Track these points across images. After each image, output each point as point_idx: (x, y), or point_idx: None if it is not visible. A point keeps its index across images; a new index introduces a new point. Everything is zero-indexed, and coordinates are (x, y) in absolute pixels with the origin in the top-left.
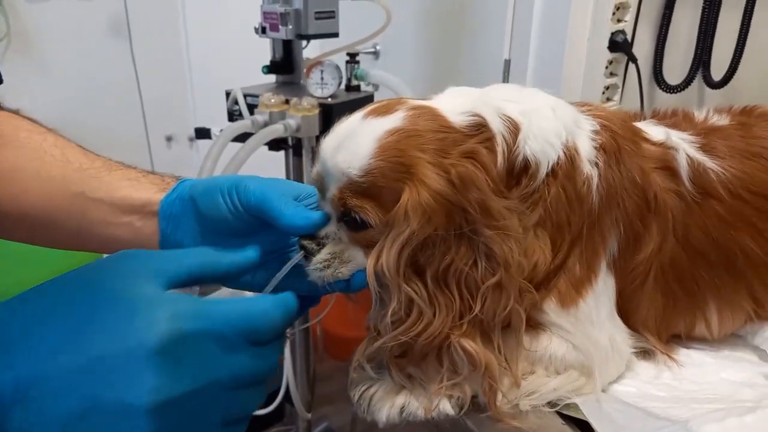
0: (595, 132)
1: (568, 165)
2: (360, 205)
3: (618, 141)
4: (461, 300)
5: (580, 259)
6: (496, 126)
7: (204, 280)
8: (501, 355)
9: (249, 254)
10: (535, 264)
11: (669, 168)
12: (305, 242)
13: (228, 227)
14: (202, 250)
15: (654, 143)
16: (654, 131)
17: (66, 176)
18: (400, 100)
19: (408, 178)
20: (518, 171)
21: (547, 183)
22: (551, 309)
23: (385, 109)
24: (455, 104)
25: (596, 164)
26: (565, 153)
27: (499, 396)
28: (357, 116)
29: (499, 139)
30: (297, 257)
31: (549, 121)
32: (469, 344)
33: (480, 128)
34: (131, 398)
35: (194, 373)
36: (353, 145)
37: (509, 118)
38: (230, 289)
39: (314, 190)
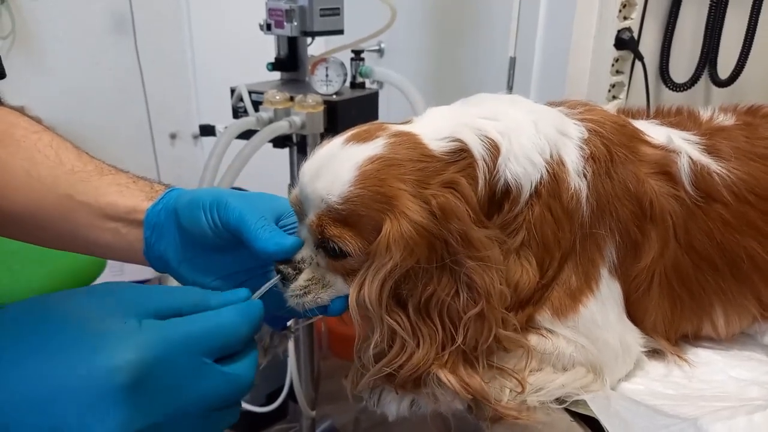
0: (584, 140)
1: (552, 183)
2: (339, 235)
3: (609, 148)
4: (443, 330)
5: (575, 271)
6: (478, 151)
7: None
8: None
9: (239, 296)
10: (517, 284)
11: (667, 173)
12: (281, 267)
13: (208, 242)
14: (188, 289)
15: (654, 146)
16: (656, 132)
17: (56, 177)
18: (380, 126)
19: (389, 209)
20: (500, 196)
21: (530, 204)
22: (546, 320)
23: (366, 135)
24: (435, 129)
25: (585, 175)
26: (548, 170)
27: (506, 396)
28: (337, 141)
29: (480, 164)
30: (273, 281)
31: (530, 137)
32: (446, 376)
33: (461, 154)
34: None
35: (163, 402)
36: (333, 171)
37: (490, 139)
38: None
39: None
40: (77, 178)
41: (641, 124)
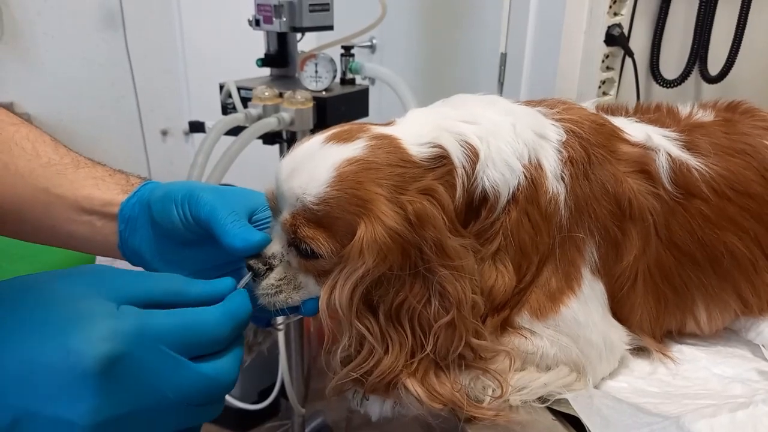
0: (562, 142)
1: (530, 188)
2: (312, 236)
3: (587, 149)
4: (414, 338)
5: (555, 274)
6: (457, 158)
7: (169, 307)
8: (459, 390)
9: (222, 286)
10: (492, 289)
11: (646, 171)
12: (251, 262)
13: (180, 236)
14: (172, 276)
15: (633, 144)
16: (634, 130)
17: (33, 170)
18: (362, 127)
19: (364, 213)
20: (477, 203)
21: (507, 210)
22: (525, 321)
23: (347, 136)
24: (416, 133)
25: (563, 178)
26: (526, 176)
27: (488, 395)
28: (317, 140)
29: (459, 172)
30: (246, 279)
31: (509, 142)
32: (413, 386)
33: (440, 161)
34: (71, 416)
35: (136, 393)
36: (310, 170)
37: (469, 145)
38: None
39: None
40: (53, 171)
41: (620, 122)
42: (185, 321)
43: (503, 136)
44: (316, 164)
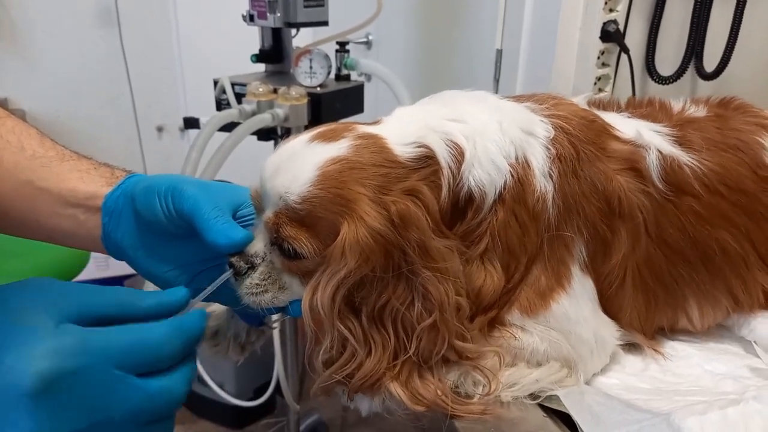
0: (550, 139)
1: (517, 187)
2: (294, 236)
3: (576, 146)
4: (396, 339)
5: (545, 271)
6: (443, 158)
7: (118, 322)
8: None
9: (176, 297)
10: (480, 289)
11: (636, 169)
12: (233, 260)
13: (164, 229)
14: (121, 289)
15: (623, 141)
16: (625, 126)
17: (17, 163)
18: (348, 126)
19: (347, 212)
20: (463, 204)
21: (494, 210)
22: (516, 318)
23: (332, 135)
24: (402, 132)
25: (551, 176)
26: (513, 174)
27: (479, 391)
28: (302, 138)
29: (446, 172)
30: (225, 275)
31: (495, 141)
32: (396, 389)
33: (426, 161)
34: None
35: (78, 412)
36: (294, 169)
37: (455, 144)
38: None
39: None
40: (38, 164)
41: (611, 117)
42: (129, 337)
43: (490, 135)
44: (300, 163)
